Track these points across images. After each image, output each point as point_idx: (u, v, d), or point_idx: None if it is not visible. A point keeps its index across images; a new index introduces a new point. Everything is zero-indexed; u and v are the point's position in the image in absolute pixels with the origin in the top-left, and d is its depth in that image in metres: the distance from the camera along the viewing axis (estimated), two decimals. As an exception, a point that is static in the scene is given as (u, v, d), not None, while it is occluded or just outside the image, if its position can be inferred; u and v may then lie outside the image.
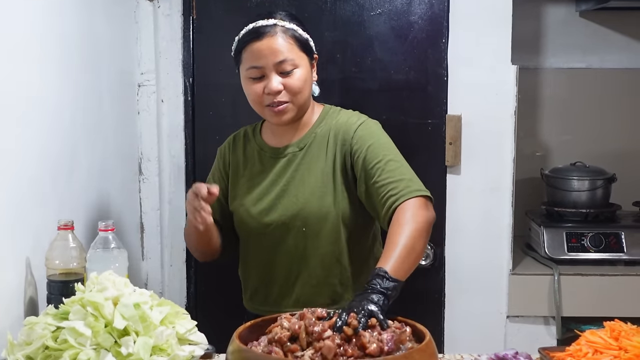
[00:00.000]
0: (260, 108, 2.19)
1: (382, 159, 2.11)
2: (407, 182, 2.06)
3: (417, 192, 2.03)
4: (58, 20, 2.22)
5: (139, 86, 3.08)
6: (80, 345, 1.61)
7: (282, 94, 2.14)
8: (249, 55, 2.16)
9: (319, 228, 2.17)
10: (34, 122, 2.03)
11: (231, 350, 1.61)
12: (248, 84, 2.19)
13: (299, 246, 2.19)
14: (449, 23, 3.02)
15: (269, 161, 2.26)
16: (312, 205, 2.16)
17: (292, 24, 2.16)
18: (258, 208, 2.22)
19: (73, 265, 1.92)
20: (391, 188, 2.05)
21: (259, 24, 2.15)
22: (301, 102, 2.18)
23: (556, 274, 2.98)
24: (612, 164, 3.38)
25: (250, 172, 2.29)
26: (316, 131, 2.23)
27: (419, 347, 1.58)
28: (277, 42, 2.12)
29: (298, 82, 2.14)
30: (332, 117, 2.26)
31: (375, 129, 2.22)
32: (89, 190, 2.45)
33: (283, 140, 2.26)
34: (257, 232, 2.23)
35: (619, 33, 3.52)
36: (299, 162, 2.22)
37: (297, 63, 2.14)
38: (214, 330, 2.00)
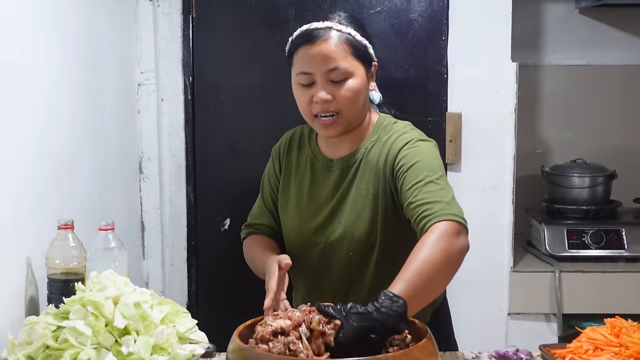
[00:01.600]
0: (309, 117, 2.01)
1: (422, 180, 1.88)
2: (443, 205, 1.81)
3: (452, 217, 1.79)
4: (58, 20, 2.22)
5: (139, 85, 3.08)
6: (80, 345, 1.61)
7: (331, 103, 1.95)
8: (299, 59, 1.97)
9: (366, 253, 2.03)
10: (34, 121, 2.03)
11: (231, 349, 1.61)
12: (297, 89, 2.00)
13: (345, 270, 2.07)
14: (449, 20, 3.03)
15: (320, 173, 2.11)
16: (360, 230, 2.02)
17: (350, 28, 1.97)
18: (309, 226, 2.09)
19: (73, 265, 1.91)
20: (426, 209, 1.82)
21: (312, 26, 1.96)
22: (352, 115, 1.99)
23: (557, 271, 2.98)
24: (613, 160, 3.38)
25: (301, 181, 2.14)
26: (367, 146, 2.05)
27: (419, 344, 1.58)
28: (329, 47, 1.94)
29: (349, 92, 1.95)
30: (385, 133, 2.06)
31: (423, 148, 1.98)
32: (89, 190, 2.45)
33: (336, 151, 2.09)
34: (304, 248, 2.11)
35: (618, 30, 3.52)
36: (350, 181, 2.05)
37: (351, 72, 1.96)
38: (215, 329, 2.00)
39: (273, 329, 1.60)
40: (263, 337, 1.59)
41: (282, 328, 1.61)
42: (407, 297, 1.60)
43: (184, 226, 3.21)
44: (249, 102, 3.15)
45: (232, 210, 3.19)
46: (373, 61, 2.05)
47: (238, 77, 3.13)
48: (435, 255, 1.70)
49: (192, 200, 3.19)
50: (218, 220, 3.21)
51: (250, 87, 3.16)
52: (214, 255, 3.25)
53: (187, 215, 3.20)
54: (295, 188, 2.14)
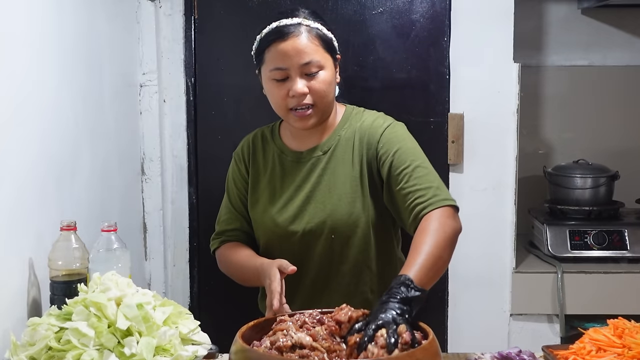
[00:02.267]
0: (284, 112, 2.09)
1: (410, 165, 2.02)
2: (434, 191, 1.98)
3: (445, 202, 1.96)
4: (59, 21, 2.22)
5: (141, 86, 3.08)
6: (83, 346, 1.61)
7: (306, 97, 2.04)
8: (272, 55, 2.04)
9: (348, 235, 2.10)
10: (36, 122, 2.03)
11: (234, 350, 1.61)
12: (271, 85, 2.08)
13: (327, 254, 2.12)
14: (451, 21, 3.02)
15: (290, 165, 2.17)
16: (341, 211, 2.09)
17: (317, 23, 2.06)
18: (284, 216, 2.14)
19: (76, 266, 1.92)
20: (419, 196, 1.97)
21: (282, 22, 2.03)
22: (325, 105, 2.09)
23: (559, 271, 2.98)
24: (615, 161, 3.37)
25: (270, 177, 2.19)
26: (340, 134, 2.15)
27: (422, 345, 1.57)
28: (302, 42, 2.02)
29: (323, 84, 2.05)
30: (356, 119, 2.17)
31: (402, 132, 2.12)
32: (92, 191, 2.45)
33: (305, 143, 2.17)
34: (282, 240, 2.15)
35: (621, 30, 3.52)
36: (323, 167, 2.13)
37: (323, 64, 2.05)
38: (217, 330, 2.00)
39: (294, 341, 1.60)
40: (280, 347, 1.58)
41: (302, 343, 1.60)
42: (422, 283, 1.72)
43: (186, 227, 3.21)
44: (251, 103, 3.15)
45: (234, 211, 3.19)
46: (337, 54, 2.14)
47: (240, 78, 3.13)
48: (437, 236, 1.86)
49: (194, 201, 3.19)
50: (220, 221, 3.21)
51: (252, 88, 3.12)
52: (216, 256, 3.24)
53: (189, 216, 3.20)
54: (265, 185, 2.19)
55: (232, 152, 3.18)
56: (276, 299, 1.87)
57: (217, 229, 2.29)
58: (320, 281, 2.15)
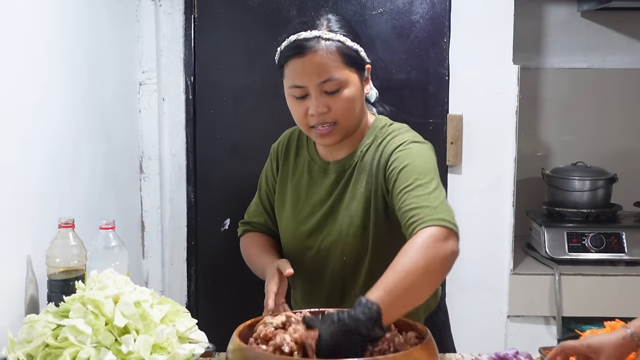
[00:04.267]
0: (305, 129, 1.96)
1: (412, 184, 1.82)
2: (430, 210, 1.75)
3: (438, 222, 1.71)
4: (60, 19, 2.22)
5: (140, 84, 3.08)
6: (80, 344, 1.61)
7: (327, 114, 1.90)
8: (290, 72, 1.90)
9: (360, 256, 1.99)
10: (35, 120, 2.03)
11: (231, 348, 1.61)
12: (291, 102, 1.94)
13: (339, 274, 2.04)
14: (451, 23, 3.03)
15: (317, 175, 2.06)
16: (353, 233, 1.97)
17: (339, 35, 1.90)
18: (303, 229, 2.06)
19: (74, 264, 1.91)
20: (413, 214, 1.76)
21: (301, 36, 1.88)
22: (349, 123, 1.94)
23: (557, 274, 2.98)
24: (613, 164, 3.38)
25: (297, 183, 2.10)
26: (362, 149, 2.00)
27: (419, 346, 1.58)
28: (320, 59, 1.86)
29: (344, 102, 1.90)
30: (380, 135, 2.00)
31: (415, 150, 1.92)
32: (90, 188, 2.45)
33: (333, 154, 2.04)
34: (299, 252, 2.07)
35: (620, 33, 3.52)
36: (344, 184, 2.01)
37: (344, 81, 1.89)
38: (215, 329, 2.00)
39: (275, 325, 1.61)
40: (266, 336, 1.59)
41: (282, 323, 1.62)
42: (383, 303, 1.56)
43: (184, 226, 3.21)
44: (250, 102, 3.15)
45: (232, 210, 3.19)
46: (366, 64, 1.99)
47: (239, 77, 3.13)
48: (416, 261, 1.64)
49: (193, 199, 3.19)
50: (218, 220, 3.21)
51: (251, 87, 3.16)
52: (214, 255, 3.25)
53: (187, 214, 3.20)
54: (291, 190, 2.11)
55: (230, 151, 3.20)
56: (271, 299, 1.84)
57: (245, 216, 2.24)
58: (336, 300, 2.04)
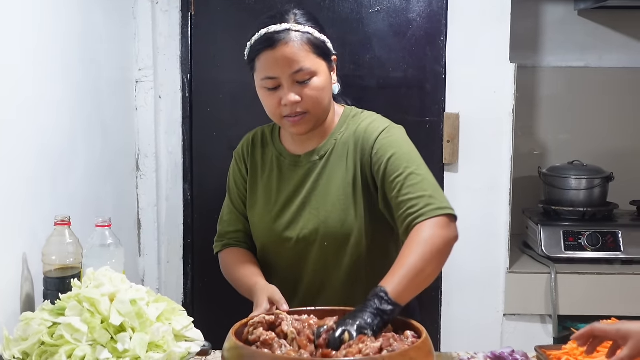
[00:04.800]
0: (278, 119, 2.03)
1: (403, 172, 1.93)
2: (427, 200, 1.88)
3: (438, 211, 1.87)
4: (56, 16, 2.22)
5: (137, 82, 3.08)
6: (76, 341, 1.61)
7: (300, 104, 1.97)
8: (262, 65, 1.98)
9: (341, 242, 2.04)
10: (31, 117, 2.03)
11: (227, 347, 1.61)
12: (263, 94, 2.03)
13: (321, 260, 2.07)
14: (448, 21, 3.03)
15: (288, 169, 2.11)
16: (334, 219, 2.03)
17: (307, 27, 1.98)
18: (279, 222, 2.09)
19: (70, 261, 1.91)
20: (410, 206, 1.88)
21: (271, 29, 1.95)
22: (320, 111, 2.02)
23: (553, 272, 2.98)
24: (610, 162, 3.38)
25: (268, 180, 2.14)
26: (337, 137, 2.08)
27: (415, 344, 1.58)
28: (291, 50, 1.94)
29: (316, 91, 1.97)
30: (354, 122, 2.08)
31: (398, 136, 2.02)
32: (86, 186, 2.44)
33: (303, 147, 2.11)
34: (277, 245, 2.11)
35: (617, 32, 3.52)
36: (319, 172, 2.07)
37: (315, 71, 1.97)
38: (211, 327, 2.00)
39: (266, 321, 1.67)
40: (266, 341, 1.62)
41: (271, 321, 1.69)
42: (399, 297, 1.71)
43: (181, 224, 3.21)
44: (247, 100, 3.14)
45: (229, 208, 3.19)
46: (332, 55, 2.06)
47: (236, 75, 3.13)
48: (424, 253, 1.79)
49: (189, 197, 3.19)
50: (215, 218, 3.18)
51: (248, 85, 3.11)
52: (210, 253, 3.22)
53: (184, 212, 3.20)
54: (262, 188, 2.15)
55: (227, 149, 3.19)
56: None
57: (219, 229, 2.25)
58: (316, 287, 2.11)
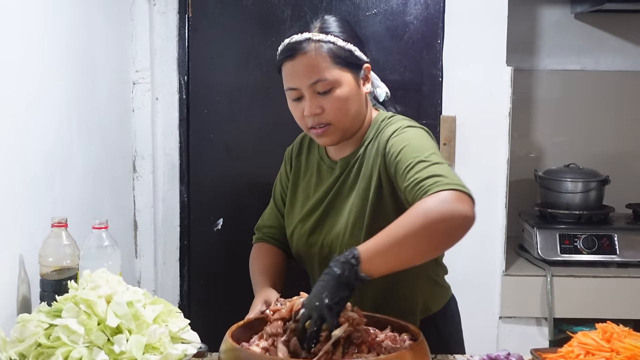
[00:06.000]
0: (306, 129, 1.98)
1: (412, 161, 1.78)
2: (436, 178, 1.69)
3: (445, 186, 1.66)
4: (53, 17, 2.22)
5: (134, 84, 3.08)
6: (72, 343, 1.61)
7: (322, 115, 1.91)
8: (285, 75, 1.94)
9: None
10: (28, 119, 2.02)
11: (224, 349, 1.61)
12: (290, 104, 1.98)
13: None
14: (445, 24, 3.03)
15: (325, 174, 2.08)
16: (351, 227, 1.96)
17: (330, 36, 1.91)
18: (305, 226, 2.06)
19: (66, 263, 1.91)
20: (419, 187, 1.70)
21: (293, 39, 1.91)
22: (345, 123, 1.94)
23: (549, 275, 2.99)
24: (606, 166, 3.39)
25: (307, 184, 2.11)
26: (365, 144, 2.00)
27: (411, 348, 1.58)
28: (309, 61, 1.89)
29: (337, 102, 1.90)
30: (380, 127, 1.99)
31: (410, 133, 1.91)
32: (83, 188, 2.44)
33: (339, 152, 2.06)
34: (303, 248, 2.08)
35: (613, 35, 3.53)
36: (344, 179, 2.02)
37: (336, 81, 1.89)
38: (207, 329, 2.00)
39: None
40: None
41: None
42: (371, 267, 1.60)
43: (177, 225, 3.21)
44: (244, 102, 3.15)
45: (226, 210, 3.19)
46: (363, 64, 1.97)
47: (233, 77, 3.13)
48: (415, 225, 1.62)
49: (186, 199, 3.19)
50: (211, 220, 3.21)
51: (245, 87, 3.16)
52: (207, 254, 3.24)
53: (180, 214, 3.20)
54: (302, 190, 2.13)
55: (224, 151, 3.20)
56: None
57: (258, 222, 2.25)
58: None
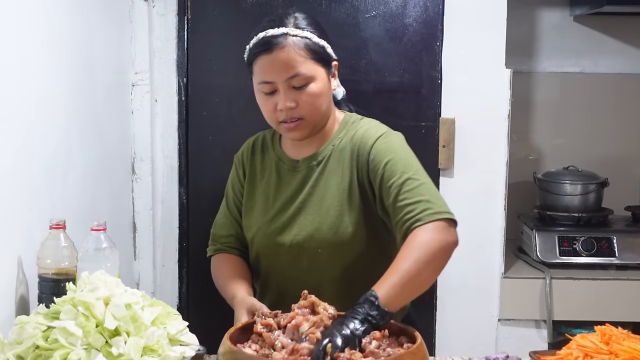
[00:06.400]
0: (275, 124, 2.02)
1: (400, 177, 1.90)
2: (425, 204, 1.86)
3: (436, 216, 1.84)
4: (53, 19, 2.22)
5: (133, 86, 3.08)
6: (71, 345, 1.61)
7: (295, 109, 1.96)
8: (259, 68, 1.97)
9: (335, 249, 2.02)
10: (27, 120, 2.02)
11: (222, 351, 1.61)
12: (260, 98, 2.02)
13: (315, 267, 2.05)
14: (444, 26, 3.03)
15: (286, 174, 2.10)
16: (328, 225, 2.01)
17: (306, 31, 1.96)
18: (273, 227, 2.08)
19: (65, 265, 1.91)
20: (408, 211, 1.86)
21: (269, 33, 1.95)
22: (317, 118, 2.00)
23: (548, 277, 2.99)
24: (605, 168, 3.39)
25: (267, 185, 2.13)
26: (335, 143, 2.06)
27: (410, 349, 1.58)
28: (288, 55, 1.93)
29: (311, 97, 1.96)
30: (352, 128, 2.07)
31: (395, 142, 2.01)
32: (82, 189, 2.44)
33: (302, 152, 2.09)
34: (271, 251, 2.09)
35: (612, 38, 3.53)
36: (316, 178, 2.06)
37: (311, 76, 1.95)
38: (205, 331, 2.00)
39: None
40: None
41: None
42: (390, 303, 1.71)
43: (176, 227, 3.21)
44: (243, 104, 3.15)
45: (224, 212, 3.19)
46: (333, 61, 2.04)
47: (232, 79, 3.13)
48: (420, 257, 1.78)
49: (184, 201, 3.19)
50: (210, 222, 3.18)
51: (244, 89, 3.12)
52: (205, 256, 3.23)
53: (179, 216, 3.20)
54: (261, 192, 2.14)
55: (223, 153, 3.20)
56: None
57: (212, 232, 2.25)
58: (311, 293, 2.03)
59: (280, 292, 2.09)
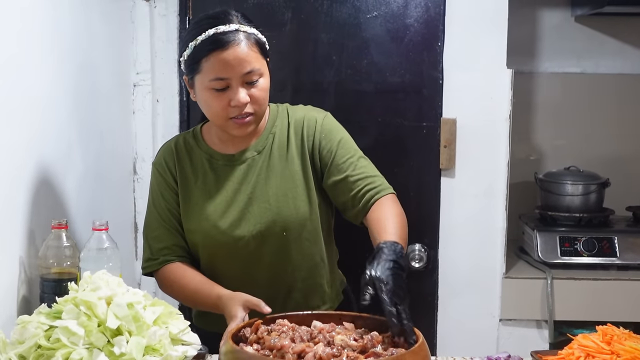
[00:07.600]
0: (223, 121, 2.03)
1: (354, 155, 2.12)
2: (379, 179, 2.11)
3: (390, 190, 2.10)
4: (54, 19, 2.22)
5: (135, 86, 3.08)
6: (72, 345, 1.61)
7: (248, 105, 2.00)
8: (212, 65, 1.97)
9: (299, 230, 2.10)
10: (28, 121, 2.03)
11: (224, 350, 1.61)
12: (209, 95, 2.01)
13: (279, 252, 2.10)
14: (445, 26, 3.03)
15: (223, 170, 2.12)
16: (289, 207, 2.08)
17: (252, 28, 2.04)
18: (226, 222, 2.08)
19: (66, 265, 1.92)
20: (369, 182, 2.08)
21: (220, 29, 1.98)
22: (263, 112, 2.08)
23: (549, 277, 2.99)
24: (606, 168, 3.39)
25: (203, 184, 2.13)
26: (273, 132, 2.14)
27: (411, 349, 1.58)
28: (243, 51, 1.98)
29: (262, 92, 2.03)
30: (283, 115, 2.17)
31: (336, 122, 2.19)
32: (84, 190, 2.44)
33: (235, 146, 2.13)
34: (228, 247, 2.09)
35: (614, 38, 3.53)
36: (261, 166, 2.11)
37: (262, 71, 2.02)
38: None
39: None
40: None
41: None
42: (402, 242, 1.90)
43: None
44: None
45: (226, 212, 3.19)
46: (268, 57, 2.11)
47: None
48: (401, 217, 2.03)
49: (186, 201, 3.19)
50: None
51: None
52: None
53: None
54: (199, 193, 2.13)
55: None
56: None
57: (149, 247, 2.17)
58: (276, 282, 2.13)
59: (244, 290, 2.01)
